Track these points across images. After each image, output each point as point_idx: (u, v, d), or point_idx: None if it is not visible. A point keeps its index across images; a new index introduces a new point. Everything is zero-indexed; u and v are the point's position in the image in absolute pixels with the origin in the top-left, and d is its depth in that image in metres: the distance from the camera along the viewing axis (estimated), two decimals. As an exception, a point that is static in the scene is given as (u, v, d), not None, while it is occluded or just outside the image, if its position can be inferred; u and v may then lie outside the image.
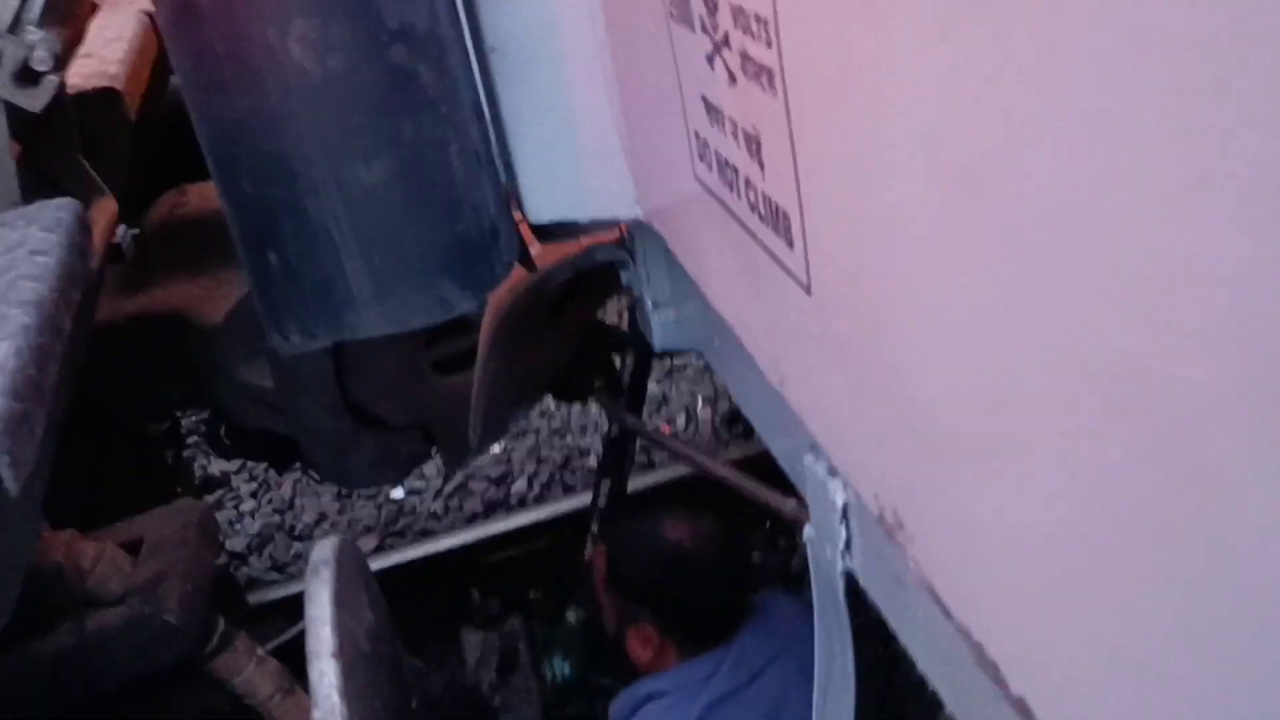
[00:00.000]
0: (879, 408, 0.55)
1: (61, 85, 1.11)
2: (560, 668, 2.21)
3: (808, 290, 0.61)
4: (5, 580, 1.04)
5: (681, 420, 3.52)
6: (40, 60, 0.94)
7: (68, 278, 0.88)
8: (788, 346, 0.67)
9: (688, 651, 1.69)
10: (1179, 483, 0.34)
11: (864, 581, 0.81)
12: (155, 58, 1.65)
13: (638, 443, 2.61)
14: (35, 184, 1.20)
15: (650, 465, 3.21)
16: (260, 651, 1.47)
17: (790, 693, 1.70)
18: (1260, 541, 0.31)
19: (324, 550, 0.89)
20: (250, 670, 1.44)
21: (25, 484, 0.70)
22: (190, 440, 3.32)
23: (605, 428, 3.30)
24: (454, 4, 0.93)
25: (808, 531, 0.88)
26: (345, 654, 0.80)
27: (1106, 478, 0.37)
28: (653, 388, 3.61)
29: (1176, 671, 0.35)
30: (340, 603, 0.84)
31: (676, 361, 3.76)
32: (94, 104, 1.32)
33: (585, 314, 1.82)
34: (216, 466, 3.45)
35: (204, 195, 1.78)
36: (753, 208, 0.67)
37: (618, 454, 2.30)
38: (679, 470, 2.98)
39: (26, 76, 0.96)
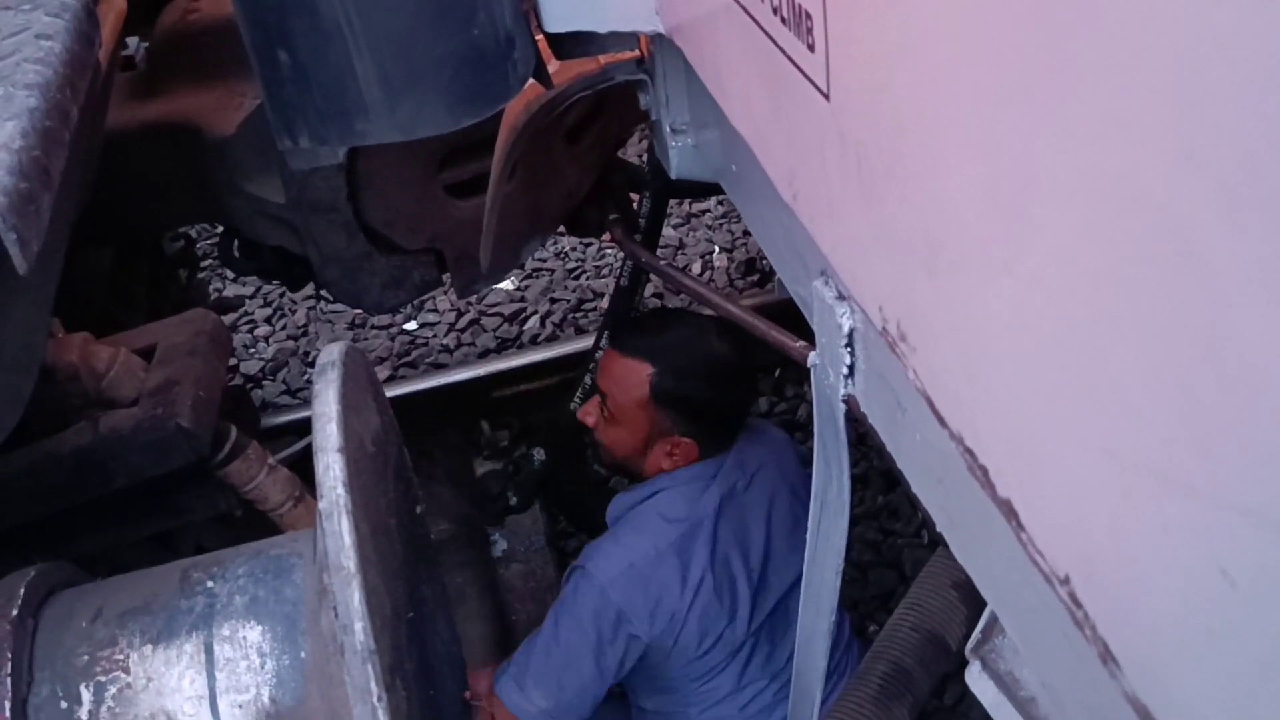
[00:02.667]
0: (890, 215, 0.54)
1: None
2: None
3: (827, 96, 0.59)
4: (20, 367, 1.06)
5: (697, 267, 3.50)
6: None
7: (74, 64, 0.86)
8: (804, 156, 0.66)
9: (703, 454, 1.70)
10: (1183, 287, 0.33)
11: (864, 406, 0.82)
12: None
13: (647, 286, 2.61)
14: (42, -25, 1.16)
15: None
16: (272, 460, 1.50)
17: (777, 490, 1.75)
18: (1260, 348, 0.31)
19: (331, 353, 0.89)
20: (262, 478, 1.48)
21: (34, 266, 0.70)
22: (205, 263, 3.33)
23: (620, 271, 3.29)
24: None
25: (812, 358, 0.88)
26: (350, 450, 0.81)
27: (1113, 279, 0.37)
28: (670, 233, 3.58)
29: (1170, 468, 0.35)
30: (346, 403, 0.85)
31: (695, 208, 3.72)
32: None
33: (603, 146, 1.79)
34: (231, 289, 3.46)
35: (217, 1, 1.73)
36: (775, 10, 0.65)
37: (626, 302, 2.29)
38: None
39: None
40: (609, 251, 3.55)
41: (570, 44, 1.06)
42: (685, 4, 0.88)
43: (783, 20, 0.63)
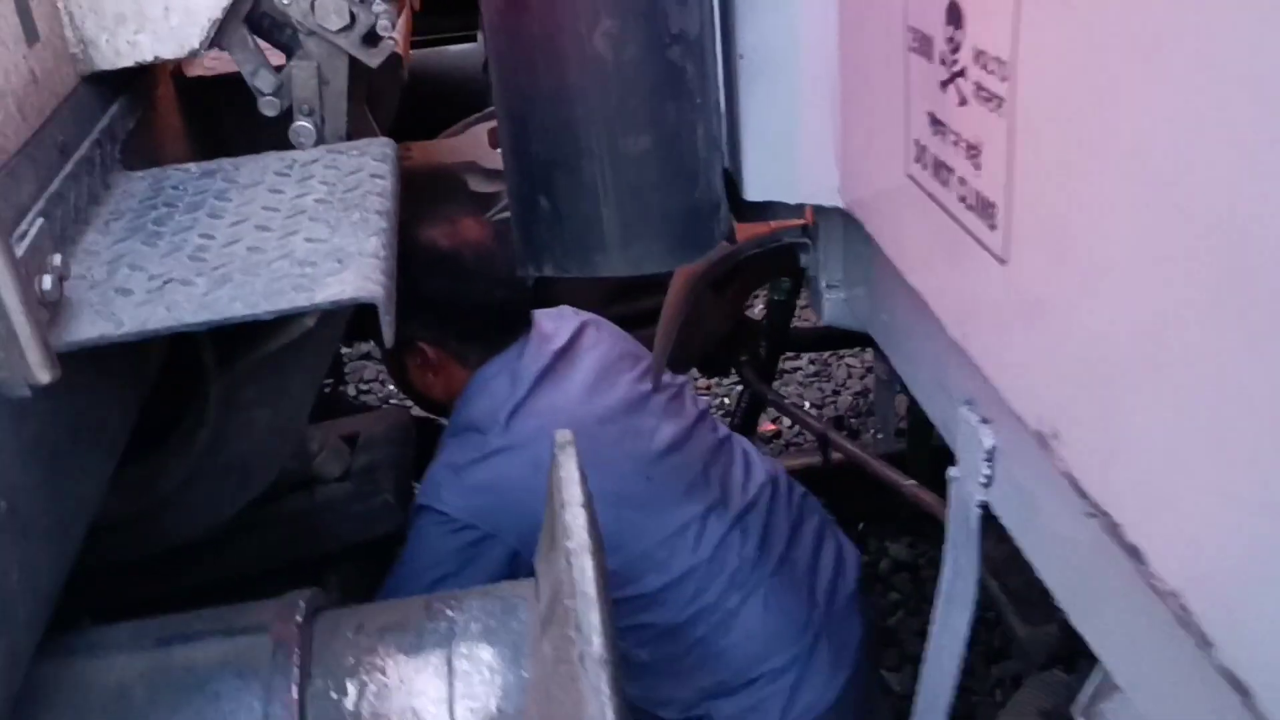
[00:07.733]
0: (1055, 349, 0.76)
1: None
2: None
3: (1003, 262, 0.82)
4: (286, 434, 1.30)
5: (787, 421, 3.71)
6: (384, 27, 1.20)
7: (395, 196, 1.13)
8: (977, 306, 0.88)
9: (474, 360, 1.63)
10: None
11: (999, 511, 1.01)
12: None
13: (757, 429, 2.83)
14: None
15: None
16: (441, 541, 1.71)
17: (606, 365, 1.71)
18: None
19: (565, 435, 1.12)
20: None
21: (393, 344, 0.94)
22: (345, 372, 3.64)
23: (725, 409, 3.50)
24: (714, 16, 1.16)
25: (952, 471, 1.09)
26: (589, 508, 1.03)
27: (1251, 398, 0.57)
28: (763, 386, 3.82)
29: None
30: (580, 471, 1.07)
31: (787, 364, 3.96)
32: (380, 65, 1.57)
33: (741, 297, 2.04)
34: (361, 401, 3.76)
35: (426, 151, 2.04)
36: (961, 199, 0.88)
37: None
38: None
39: (370, 39, 1.21)
40: (705, 398, 3.78)
41: (753, 210, 1.31)
42: (868, 185, 1.12)
43: (968, 207, 0.87)
